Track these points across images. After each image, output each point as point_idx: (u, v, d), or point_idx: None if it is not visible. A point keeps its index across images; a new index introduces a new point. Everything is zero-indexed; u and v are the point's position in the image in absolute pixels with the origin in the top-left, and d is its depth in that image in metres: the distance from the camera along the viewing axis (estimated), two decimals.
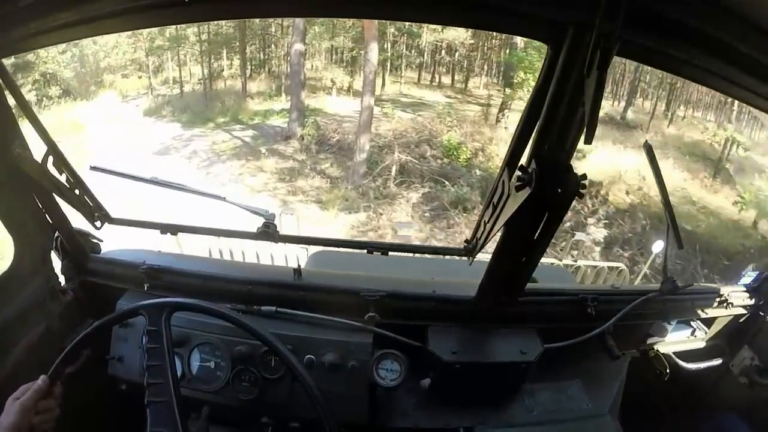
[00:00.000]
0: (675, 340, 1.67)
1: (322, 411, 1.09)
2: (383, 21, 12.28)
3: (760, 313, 1.69)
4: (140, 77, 18.00)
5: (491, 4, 0.81)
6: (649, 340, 1.64)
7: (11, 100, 1.14)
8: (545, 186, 0.91)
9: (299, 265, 1.50)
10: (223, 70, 17.96)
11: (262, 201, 10.23)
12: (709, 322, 1.70)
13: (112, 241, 1.69)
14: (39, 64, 15.21)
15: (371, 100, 11.82)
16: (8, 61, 1.09)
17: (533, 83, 0.92)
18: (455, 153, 12.38)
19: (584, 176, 0.94)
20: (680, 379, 1.68)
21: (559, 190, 0.94)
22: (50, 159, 1.25)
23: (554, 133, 0.90)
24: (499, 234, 1.18)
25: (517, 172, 0.94)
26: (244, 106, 16.42)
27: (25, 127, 1.21)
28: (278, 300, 1.40)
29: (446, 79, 18.72)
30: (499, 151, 12.48)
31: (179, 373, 1.35)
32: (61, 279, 1.56)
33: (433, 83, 18.54)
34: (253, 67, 17.95)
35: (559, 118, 0.88)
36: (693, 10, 0.74)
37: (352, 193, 11.08)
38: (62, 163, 1.29)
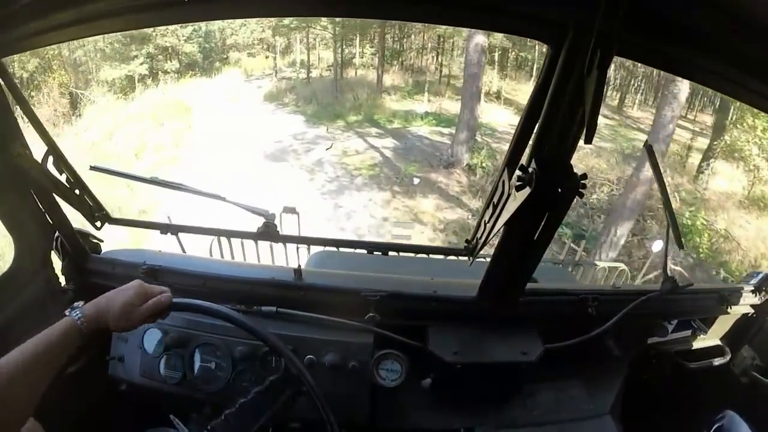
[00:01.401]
0: (675, 340, 1.67)
1: (323, 411, 1.09)
2: None
3: (761, 312, 1.69)
4: (267, 57, 16.93)
5: (491, 4, 0.81)
6: (650, 340, 1.64)
7: (12, 100, 1.14)
8: (545, 186, 0.91)
9: (300, 265, 1.50)
10: (353, 58, 15.94)
11: None
12: (709, 322, 1.70)
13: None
14: (155, 37, 14.07)
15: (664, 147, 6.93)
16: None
17: (761, 134, 0.86)
18: (699, 238, 8.02)
19: (584, 176, 0.94)
20: (681, 378, 1.68)
21: (560, 190, 0.94)
22: (50, 159, 1.25)
23: (554, 133, 0.90)
24: (500, 234, 1.18)
25: (518, 172, 0.94)
26: (379, 103, 13.33)
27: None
28: (279, 300, 1.40)
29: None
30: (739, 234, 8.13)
31: (180, 375, 1.36)
32: (62, 279, 1.56)
33: None
34: (386, 58, 15.80)
35: (560, 117, 0.88)
36: (693, 10, 0.74)
37: None
38: (62, 163, 1.29)
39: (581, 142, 0.81)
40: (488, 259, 1.33)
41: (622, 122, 13.39)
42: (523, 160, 0.99)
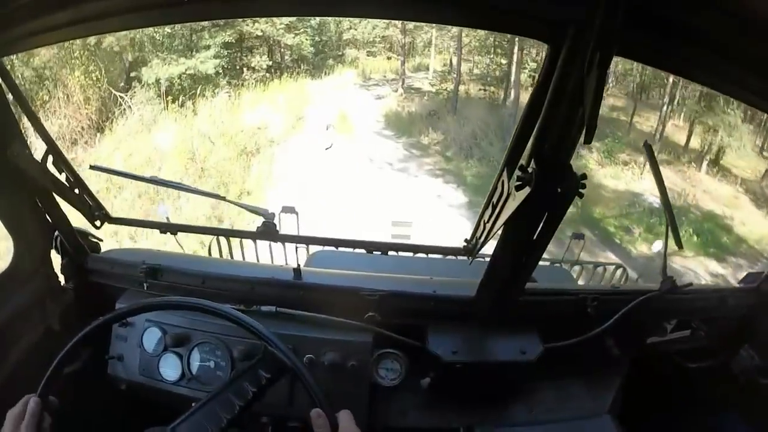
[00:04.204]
0: (675, 340, 1.67)
1: (322, 408, 1.09)
2: None
3: (760, 312, 1.69)
4: (389, 58, 13.76)
5: (491, 4, 0.81)
6: (649, 340, 1.64)
7: (11, 100, 1.14)
8: (545, 185, 0.91)
9: (299, 265, 1.50)
10: (495, 71, 12.20)
11: None
12: (708, 322, 1.70)
13: None
14: (240, 23, 10.94)
15: None
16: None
17: None
18: None
19: (584, 176, 0.94)
20: (680, 378, 1.68)
21: (559, 190, 0.94)
22: (50, 158, 1.25)
23: (554, 133, 0.90)
24: (499, 233, 1.18)
25: (517, 172, 0.94)
26: (581, 166, 8.07)
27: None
28: (278, 299, 1.40)
29: None
30: None
31: (179, 374, 1.36)
32: (61, 278, 1.56)
33: None
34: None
35: (559, 117, 0.88)
36: (693, 10, 0.74)
37: None
38: (62, 162, 1.29)
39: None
40: (488, 259, 1.33)
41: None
42: (523, 160, 0.99)
